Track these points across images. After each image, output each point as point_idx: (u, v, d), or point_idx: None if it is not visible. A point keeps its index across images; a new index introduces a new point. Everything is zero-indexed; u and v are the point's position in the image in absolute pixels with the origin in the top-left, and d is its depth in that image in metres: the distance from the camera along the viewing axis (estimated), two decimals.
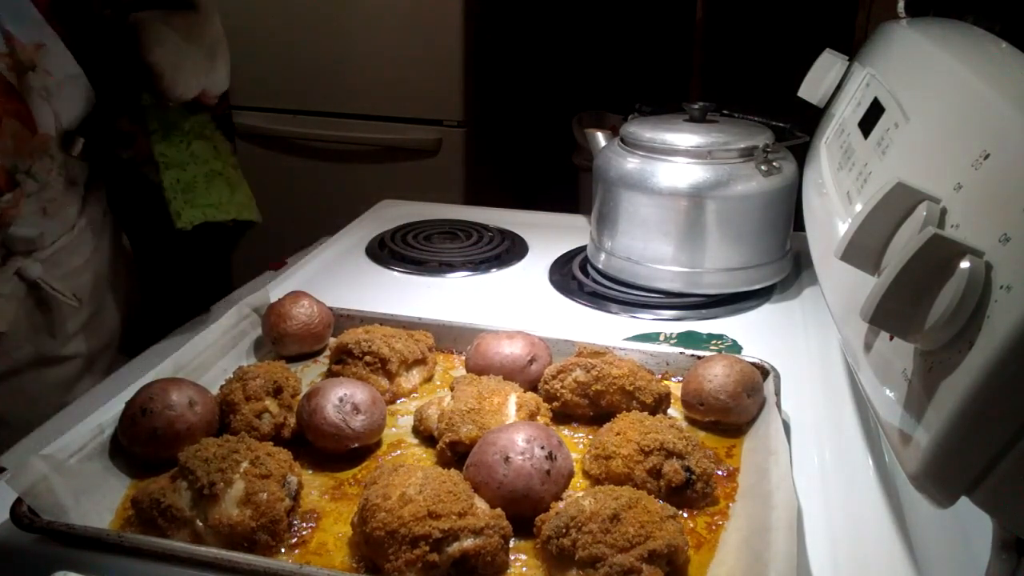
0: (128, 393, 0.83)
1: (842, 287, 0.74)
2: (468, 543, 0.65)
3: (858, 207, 0.77)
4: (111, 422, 0.80)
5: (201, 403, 0.81)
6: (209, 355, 0.95)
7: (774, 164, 1.16)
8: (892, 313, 0.52)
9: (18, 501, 0.68)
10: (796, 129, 1.25)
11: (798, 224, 1.10)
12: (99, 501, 0.73)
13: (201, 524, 0.68)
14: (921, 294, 0.50)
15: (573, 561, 0.63)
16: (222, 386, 0.86)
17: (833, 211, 0.86)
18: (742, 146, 1.17)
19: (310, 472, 0.79)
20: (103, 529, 0.69)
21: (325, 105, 2.51)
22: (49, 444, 0.75)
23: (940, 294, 0.49)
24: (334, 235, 1.49)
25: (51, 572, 0.62)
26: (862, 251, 0.61)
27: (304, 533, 0.71)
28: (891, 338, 0.57)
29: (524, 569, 0.67)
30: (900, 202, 0.58)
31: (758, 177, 1.15)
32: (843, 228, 0.81)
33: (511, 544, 0.68)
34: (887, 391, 0.57)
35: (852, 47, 1.28)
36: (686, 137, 1.17)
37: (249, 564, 0.63)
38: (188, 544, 0.66)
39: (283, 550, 0.69)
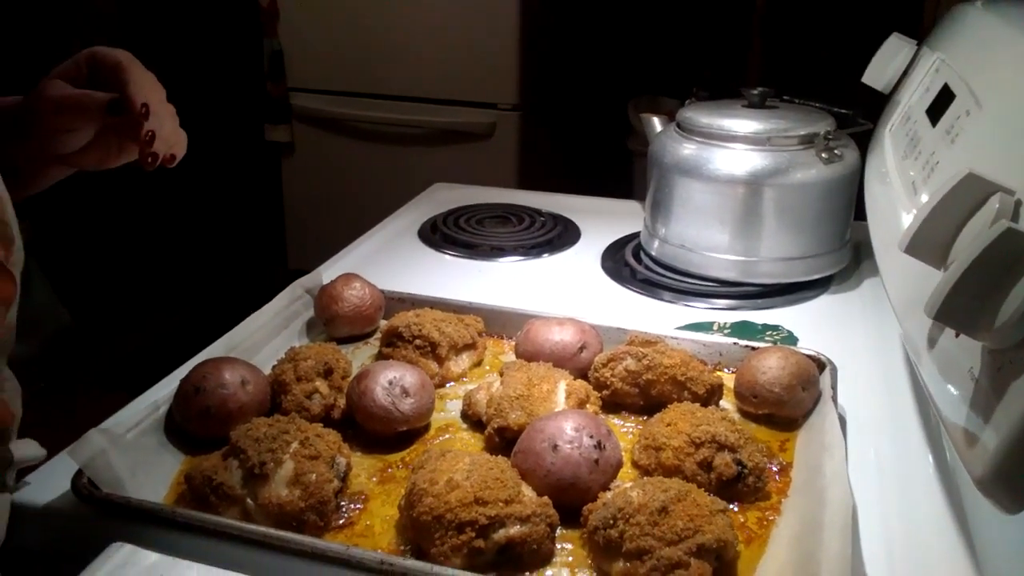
0: (183, 371, 0.84)
1: (905, 280, 0.71)
2: (514, 530, 0.64)
3: (924, 198, 0.75)
4: (166, 399, 0.81)
5: (253, 383, 0.82)
6: (261, 335, 0.96)
7: (835, 152, 1.13)
8: (959, 310, 0.50)
9: (78, 473, 0.70)
10: (859, 116, 1.21)
11: (859, 213, 1.07)
12: (154, 475, 0.75)
13: (251, 502, 0.69)
14: (991, 290, 0.48)
15: (620, 553, 0.63)
16: (274, 366, 0.87)
17: (897, 201, 0.83)
18: (802, 133, 1.14)
19: (359, 454, 0.80)
20: (158, 504, 0.71)
21: (380, 87, 2.52)
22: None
23: (1012, 291, 0.47)
24: (387, 217, 1.49)
25: (108, 543, 0.63)
26: (928, 244, 0.59)
27: (352, 514, 0.72)
28: (957, 335, 0.55)
29: (570, 558, 0.67)
30: (970, 193, 0.55)
31: (818, 165, 1.12)
32: (907, 219, 0.78)
33: (557, 533, 0.68)
34: (951, 389, 0.55)
35: (920, 31, 1.24)
36: (744, 123, 1.15)
37: (297, 544, 0.64)
38: (238, 522, 0.67)
39: (331, 531, 0.70)
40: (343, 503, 0.72)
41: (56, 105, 0.67)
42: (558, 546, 0.68)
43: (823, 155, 1.13)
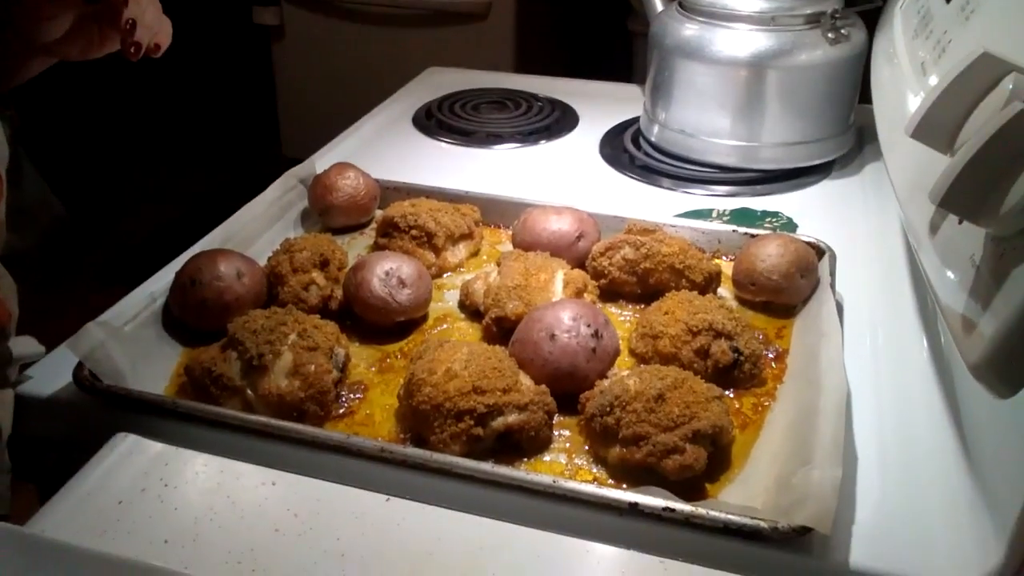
0: (178, 263, 0.84)
1: (909, 165, 0.70)
2: (512, 418, 0.65)
3: (933, 80, 0.72)
4: (162, 291, 0.81)
5: (249, 274, 0.81)
6: (256, 226, 0.95)
7: (842, 31, 1.09)
8: (965, 195, 0.49)
9: (79, 365, 0.70)
10: None
11: (863, 96, 1.04)
12: (154, 367, 0.76)
13: (251, 393, 0.69)
14: (999, 176, 0.47)
15: (617, 439, 0.64)
16: (269, 258, 0.87)
17: (904, 83, 0.81)
18: (808, 11, 1.09)
19: (357, 344, 0.80)
20: (159, 395, 0.71)
21: None
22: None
23: (1021, 177, 0.45)
24: (381, 103, 1.46)
25: (111, 433, 0.64)
26: (936, 128, 0.57)
27: (351, 404, 0.72)
28: (960, 221, 0.54)
29: (567, 445, 0.68)
30: (984, 74, 0.53)
31: (824, 45, 1.09)
32: (914, 102, 0.76)
33: (555, 420, 0.69)
34: (951, 276, 0.55)
35: None
36: (748, 1, 1.10)
37: (299, 433, 0.65)
38: (239, 412, 0.68)
39: (331, 420, 0.71)
40: (343, 393, 0.73)
41: None
42: (556, 433, 0.69)
43: (829, 35, 1.09)
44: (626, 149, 1.24)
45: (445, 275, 0.91)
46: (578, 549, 0.56)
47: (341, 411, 0.72)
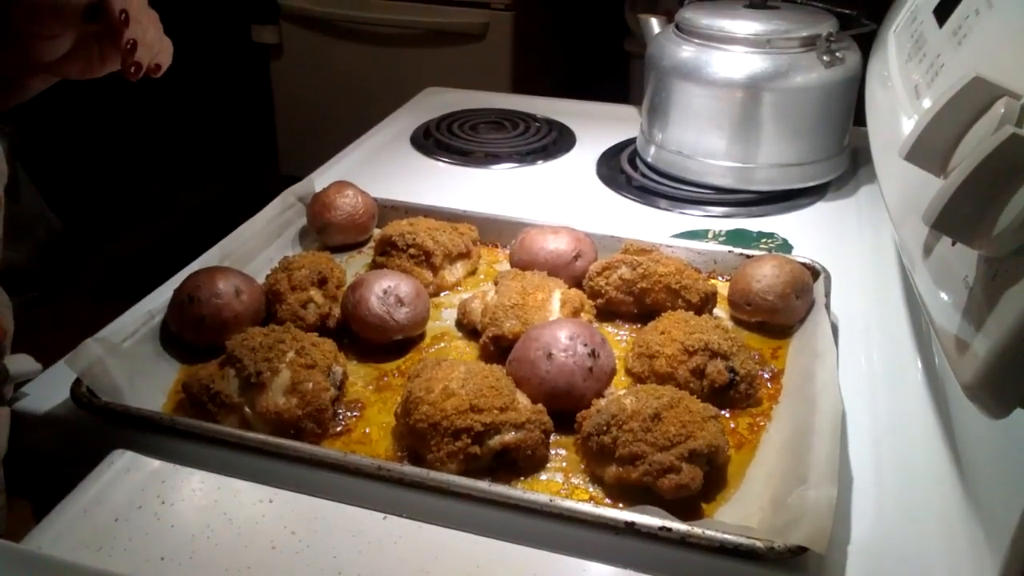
0: (176, 280, 0.84)
1: (903, 187, 0.70)
2: (509, 437, 0.65)
3: (926, 102, 0.73)
4: (160, 308, 0.81)
5: (247, 292, 0.82)
6: (255, 244, 0.95)
7: (837, 54, 1.11)
8: (958, 218, 0.49)
9: (77, 382, 0.70)
10: (863, 16, 1.18)
11: (858, 118, 1.05)
12: (151, 384, 0.76)
13: (249, 411, 0.69)
14: (991, 198, 0.47)
15: (613, 458, 0.64)
16: (268, 275, 0.87)
17: (898, 106, 0.82)
18: (804, 34, 1.11)
19: (354, 362, 0.80)
20: (157, 412, 0.71)
21: None
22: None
23: (1013, 199, 0.46)
24: (379, 123, 1.47)
25: (108, 449, 0.64)
26: (929, 150, 0.57)
27: (349, 422, 0.72)
28: (953, 243, 0.55)
29: (564, 464, 0.68)
30: (976, 98, 0.54)
31: (819, 68, 1.10)
32: (908, 124, 0.77)
33: (552, 439, 0.69)
34: (945, 297, 0.55)
35: None
36: (745, 24, 1.12)
37: (296, 450, 0.65)
38: (237, 429, 0.68)
39: (328, 438, 0.71)
40: (340, 411, 0.73)
41: (30, 9, 0.65)
42: (552, 452, 0.69)
43: (824, 58, 1.10)
44: (623, 170, 1.25)
45: (443, 294, 0.92)
46: (574, 568, 0.56)
47: (338, 429, 0.72)
